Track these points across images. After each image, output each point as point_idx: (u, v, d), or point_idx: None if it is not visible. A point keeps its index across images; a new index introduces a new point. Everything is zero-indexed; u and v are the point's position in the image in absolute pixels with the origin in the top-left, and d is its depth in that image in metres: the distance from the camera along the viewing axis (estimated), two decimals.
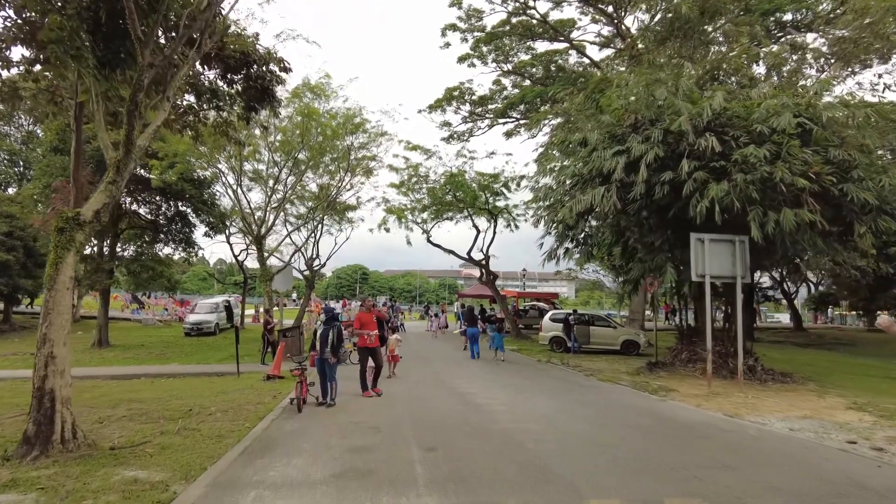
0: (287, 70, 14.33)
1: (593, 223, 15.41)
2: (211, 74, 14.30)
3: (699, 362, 15.05)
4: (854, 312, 47.59)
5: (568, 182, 14.75)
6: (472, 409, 9.32)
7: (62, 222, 6.93)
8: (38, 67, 10.92)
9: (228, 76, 13.82)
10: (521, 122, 24.78)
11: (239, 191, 20.85)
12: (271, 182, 21.47)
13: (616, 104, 14.51)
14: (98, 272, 23.14)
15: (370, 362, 10.76)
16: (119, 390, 12.30)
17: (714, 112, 12.37)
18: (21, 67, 10.65)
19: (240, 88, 14.26)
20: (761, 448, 7.22)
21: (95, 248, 25.13)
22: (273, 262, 27.21)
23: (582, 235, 15.41)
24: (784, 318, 54.44)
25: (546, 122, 22.48)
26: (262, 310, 26.04)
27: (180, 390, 12.09)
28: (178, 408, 9.57)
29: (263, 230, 21.11)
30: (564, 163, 15.82)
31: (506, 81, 28.38)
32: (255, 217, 21.42)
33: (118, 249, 27.10)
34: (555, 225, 14.77)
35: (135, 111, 7.38)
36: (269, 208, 21.68)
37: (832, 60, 19.88)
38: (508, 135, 25.18)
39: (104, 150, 8.06)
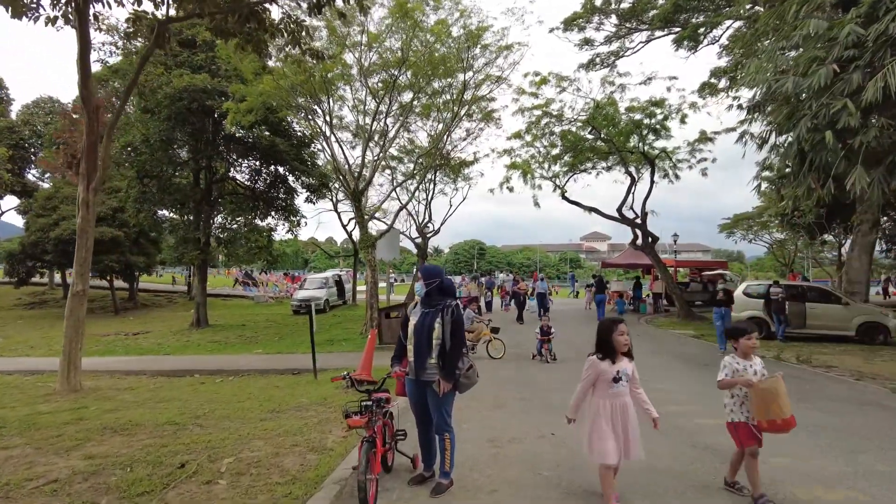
0: None
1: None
2: None
3: None
4: None
5: (830, 63, 8.48)
6: None
7: None
8: None
9: None
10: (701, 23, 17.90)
11: (329, 134, 16.64)
12: (367, 120, 16.99)
13: None
14: (186, 242, 20.43)
15: None
16: (140, 399, 8.46)
17: None
18: None
19: None
20: None
21: (189, 218, 22.61)
22: (382, 228, 23.22)
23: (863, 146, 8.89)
24: None
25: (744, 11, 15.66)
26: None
27: (221, 404, 7.94)
28: (172, 454, 5.26)
29: (362, 184, 16.76)
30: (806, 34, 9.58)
31: None
32: (352, 168, 17.09)
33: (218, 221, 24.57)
34: (817, 135, 8.52)
35: None
36: (366, 158, 17.29)
37: None
38: (678, 42, 18.52)
39: None
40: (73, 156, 11.90)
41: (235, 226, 23.56)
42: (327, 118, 16.68)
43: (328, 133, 16.94)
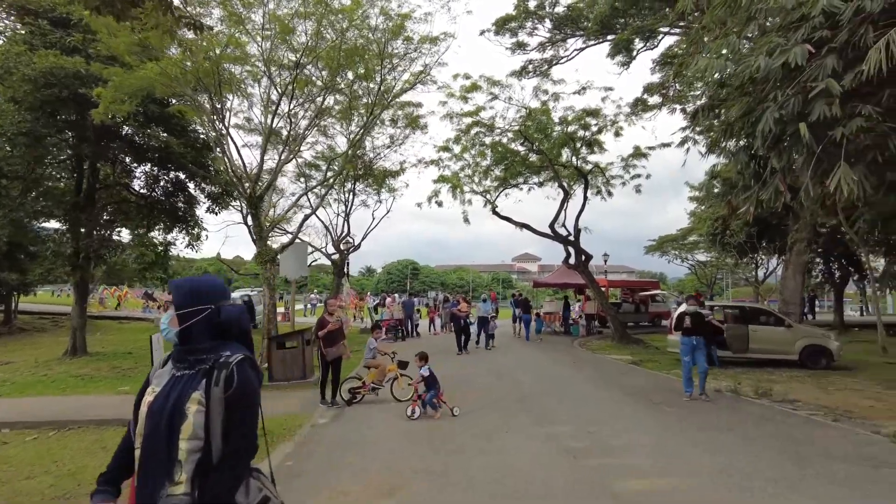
0: None
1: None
2: None
3: None
4: None
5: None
6: None
7: None
8: None
9: None
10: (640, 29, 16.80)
11: (224, 131, 14.24)
12: (269, 117, 14.75)
13: None
14: (56, 257, 17.31)
15: None
16: None
17: None
18: None
19: None
20: None
21: (64, 228, 19.30)
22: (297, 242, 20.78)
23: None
24: None
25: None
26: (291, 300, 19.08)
27: None
28: None
29: (260, 189, 14.43)
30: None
31: None
32: (249, 171, 14.68)
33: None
34: (789, 127, 7.11)
35: None
36: (267, 159, 14.99)
37: None
38: (615, 49, 17.39)
39: None
40: None
41: (118, 238, 20.42)
42: (217, 106, 14.30)
43: (222, 129, 14.57)
